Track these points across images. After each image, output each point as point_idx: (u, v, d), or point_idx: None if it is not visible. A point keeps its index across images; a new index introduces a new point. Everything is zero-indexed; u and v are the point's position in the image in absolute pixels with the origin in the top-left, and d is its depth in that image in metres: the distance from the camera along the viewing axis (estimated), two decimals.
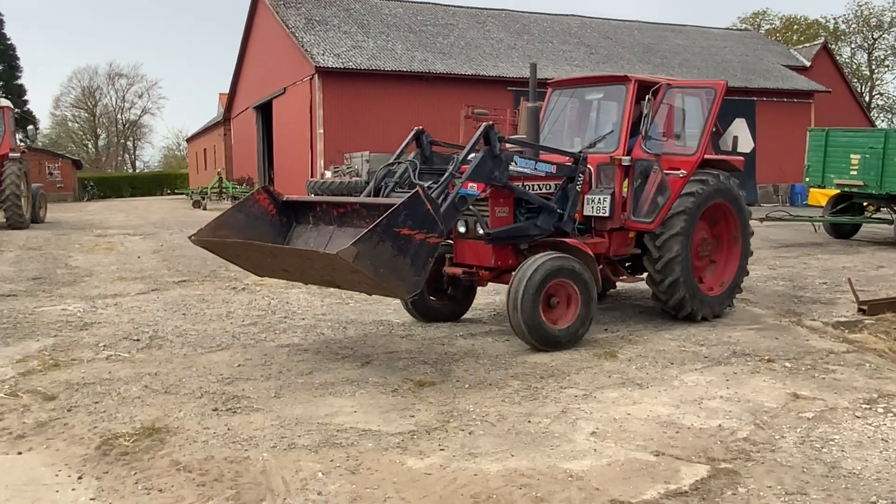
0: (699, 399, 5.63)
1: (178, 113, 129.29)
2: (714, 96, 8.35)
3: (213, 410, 5.32)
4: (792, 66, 36.86)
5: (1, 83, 49.00)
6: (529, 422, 5.12)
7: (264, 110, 34.91)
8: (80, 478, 4.22)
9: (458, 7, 34.26)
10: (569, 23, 35.72)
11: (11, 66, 51.96)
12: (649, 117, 7.89)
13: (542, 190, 7.58)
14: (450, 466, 4.38)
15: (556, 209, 7.57)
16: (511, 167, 7.12)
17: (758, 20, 63.39)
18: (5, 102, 20.33)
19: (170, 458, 4.49)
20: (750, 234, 8.86)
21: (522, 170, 7.31)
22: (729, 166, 8.65)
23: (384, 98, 26.42)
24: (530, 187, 7.47)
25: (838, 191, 17.58)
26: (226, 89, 42.52)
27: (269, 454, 4.54)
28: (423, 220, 5.80)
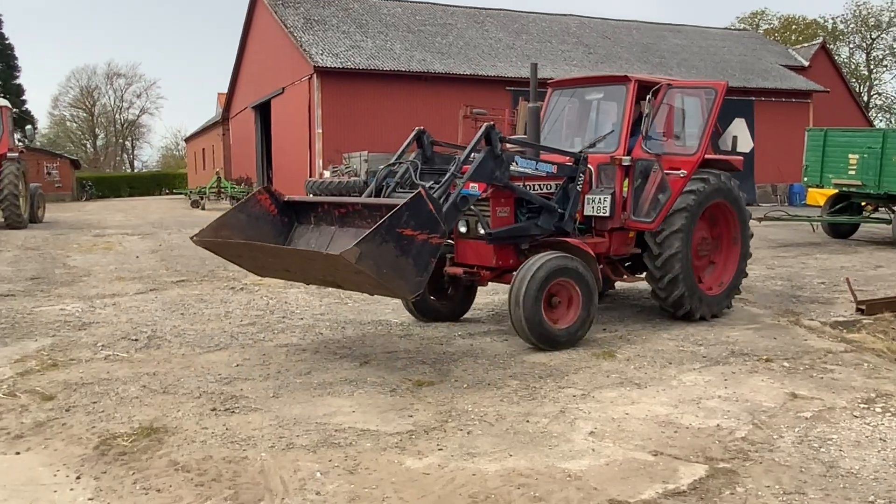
0: (697, 399, 5.63)
1: (177, 113, 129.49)
2: (715, 96, 8.36)
3: (212, 410, 5.32)
4: (790, 66, 36.88)
5: None
6: (528, 421, 5.12)
7: (263, 110, 34.88)
8: (78, 478, 4.22)
9: (456, 7, 34.26)
10: (567, 22, 35.74)
11: (10, 66, 51.96)
12: (650, 117, 7.90)
13: (542, 190, 7.59)
14: (448, 466, 4.38)
15: (557, 209, 7.58)
16: (512, 167, 7.13)
17: (756, 20, 63.46)
18: (3, 102, 20.31)
19: (168, 458, 4.49)
20: (749, 235, 8.87)
21: (523, 170, 7.31)
22: (729, 166, 8.65)
23: (383, 98, 26.42)
24: (531, 187, 7.48)
25: (836, 191, 17.60)
26: (224, 89, 42.56)
27: (268, 454, 4.54)
28: (426, 221, 5.81)
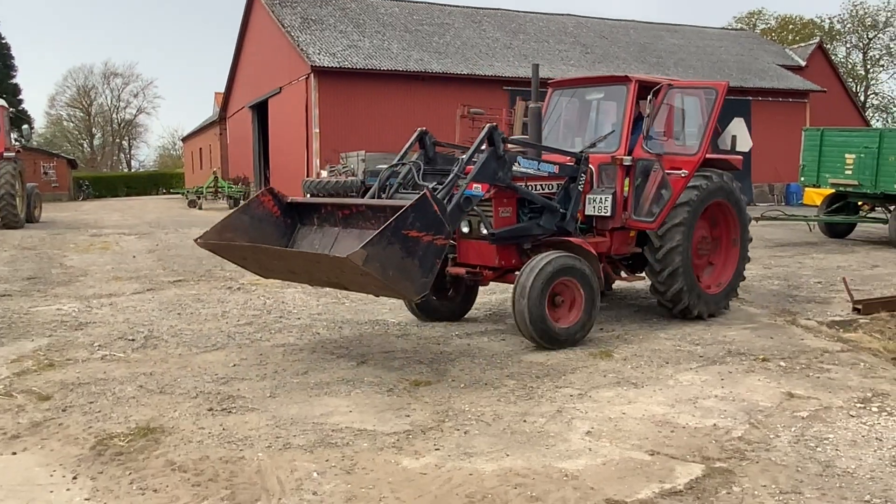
0: (694, 398, 5.64)
1: (174, 112, 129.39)
2: (715, 97, 8.39)
3: (209, 410, 5.32)
4: (787, 66, 36.92)
5: None
6: (525, 421, 5.13)
7: (260, 110, 34.85)
8: (74, 478, 4.22)
9: (454, 6, 34.27)
10: (565, 22, 35.75)
11: (6, 66, 51.79)
12: (651, 117, 7.92)
13: (544, 190, 7.62)
14: (445, 466, 4.39)
15: (559, 209, 7.60)
16: (515, 168, 7.16)
17: (753, 20, 63.52)
18: (0, 102, 20.28)
19: (165, 458, 4.48)
20: (749, 239, 8.92)
21: (526, 170, 7.34)
22: (728, 165, 8.69)
23: (380, 97, 26.40)
24: (533, 187, 7.50)
25: (833, 190, 17.62)
26: (221, 88, 42.50)
27: (265, 454, 4.54)
28: (431, 222, 5.83)
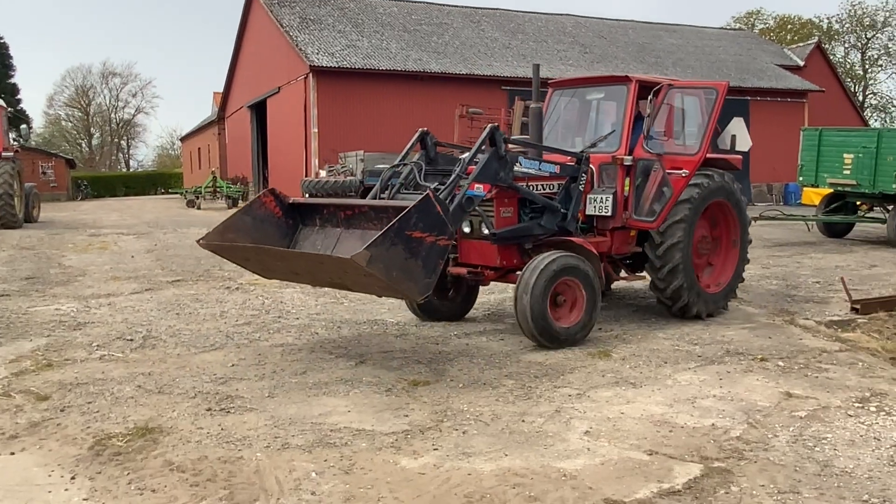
0: (692, 398, 5.64)
1: (172, 112, 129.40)
2: (716, 97, 8.41)
3: (207, 410, 5.32)
4: (786, 66, 36.95)
5: None
6: (523, 421, 5.13)
7: (258, 109, 34.84)
8: (73, 478, 4.22)
9: (452, 6, 34.27)
10: (563, 22, 35.76)
11: (4, 65, 51.75)
12: (652, 117, 7.94)
13: (545, 190, 7.63)
14: (443, 466, 4.39)
15: (560, 209, 7.61)
16: (516, 168, 7.16)
17: (752, 20, 63.56)
18: None
19: (163, 458, 4.48)
20: (748, 241, 8.94)
21: (527, 170, 7.35)
22: (728, 165, 8.72)
23: (379, 97, 26.40)
24: (534, 187, 7.51)
25: (831, 190, 17.64)
26: (220, 88, 42.51)
27: (263, 454, 4.54)
28: (434, 223, 5.84)
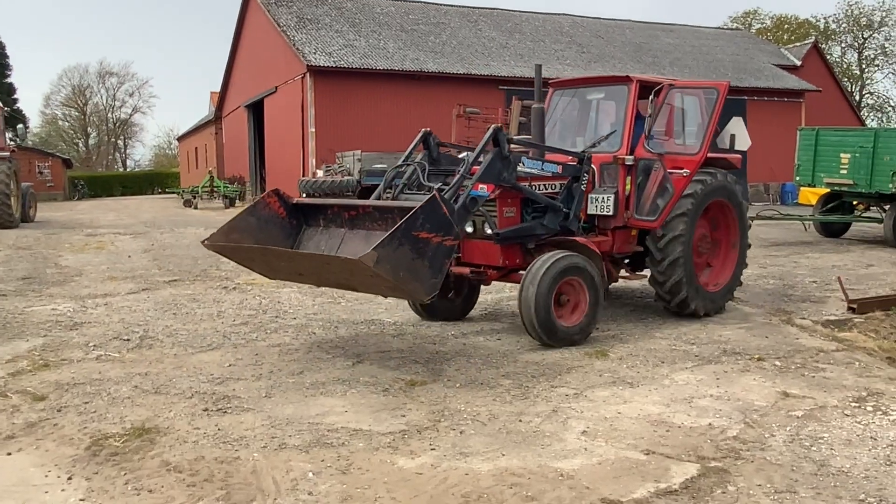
0: (689, 398, 5.65)
1: (169, 112, 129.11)
2: (716, 96, 8.45)
3: (204, 410, 5.31)
4: (783, 66, 36.97)
5: None
6: (520, 421, 5.13)
7: (256, 109, 34.79)
8: (69, 478, 4.21)
9: (449, 6, 34.24)
10: (560, 22, 35.76)
11: (1, 65, 51.69)
12: (653, 117, 7.96)
13: (548, 190, 7.65)
14: (441, 466, 4.39)
15: (562, 208, 7.63)
16: (519, 168, 7.18)
17: (749, 19, 63.58)
18: None
19: (160, 458, 4.48)
20: (747, 245, 8.99)
21: (530, 170, 7.37)
22: (728, 164, 8.75)
23: (376, 97, 26.38)
24: (537, 187, 7.53)
25: (828, 190, 17.65)
26: (217, 88, 42.45)
27: (260, 454, 4.54)
28: (440, 223, 5.85)
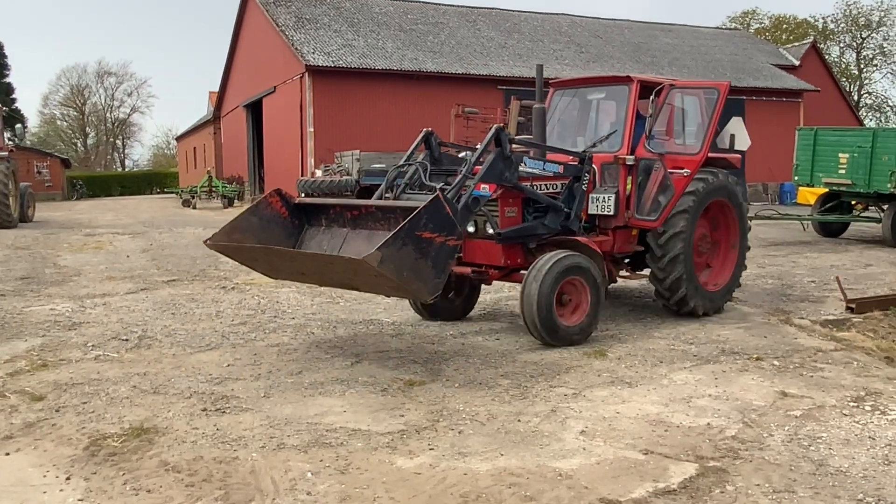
0: (688, 397, 5.65)
1: (168, 111, 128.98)
2: (717, 97, 8.46)
3: (202, 410, 5.31)
4: (781, 66, 36.99)
5: None
6: (519, 421, 5.13)
7: (254, 109, 34.79)
8: (68, 478, 4.21)
9: (448, 6, 34.24)
10: (559, 21, 35.77)
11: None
12: (654, 117, 7.97)
13: (549, 189, 7.66)
14: (439, 466, 4.39)
15: (564, 208, 7.64)
16: (521, 168, 7.19)
17: (747, 19, 63.60)
18: None
19: (158, 458, 4.47)
20: (747, 247, 9.01)
21: (531, 170, 7.38)
22: (728, 164, 8.76)
23: (374, 97, 26.38)
24: (538, 187, 7.53)
25: (827, 189, 17.67)
26: (215, 88, 42.43)
27: (259, 454, 4.53)
28: (444, 223, 5.86)
